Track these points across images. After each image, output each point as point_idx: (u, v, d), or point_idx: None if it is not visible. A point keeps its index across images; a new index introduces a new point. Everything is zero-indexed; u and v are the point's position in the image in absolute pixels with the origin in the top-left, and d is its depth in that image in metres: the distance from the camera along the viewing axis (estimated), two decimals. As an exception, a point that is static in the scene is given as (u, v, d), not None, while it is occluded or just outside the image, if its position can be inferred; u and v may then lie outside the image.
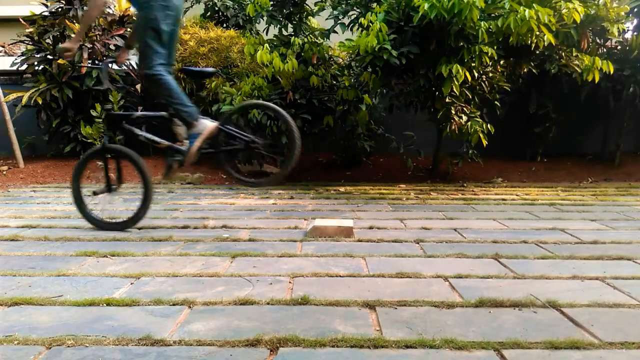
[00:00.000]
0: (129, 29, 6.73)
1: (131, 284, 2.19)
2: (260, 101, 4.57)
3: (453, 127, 5.36)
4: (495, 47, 4.92)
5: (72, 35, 6.24)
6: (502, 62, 5.76)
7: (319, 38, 6.04)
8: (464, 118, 5.40)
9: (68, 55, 3.03)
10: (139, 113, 3.58)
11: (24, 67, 6.59)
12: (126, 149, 3.32)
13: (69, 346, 1.58)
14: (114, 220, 3.39)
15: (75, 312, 1.86)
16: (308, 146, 7.19)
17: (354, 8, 5.40)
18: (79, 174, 3.38)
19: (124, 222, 3.32)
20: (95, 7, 3.03)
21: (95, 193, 3.40)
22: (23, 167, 6.59)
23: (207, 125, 2.97)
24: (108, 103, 6.17)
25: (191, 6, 7.76)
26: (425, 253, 2.74)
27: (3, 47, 8.68)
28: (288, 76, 5.54)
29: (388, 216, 3.87)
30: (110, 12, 6.85)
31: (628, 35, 6.59)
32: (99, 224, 3.36)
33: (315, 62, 5.53)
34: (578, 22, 4.76)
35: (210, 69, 3.77)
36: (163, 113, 3.14)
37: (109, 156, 3.37)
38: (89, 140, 5.77)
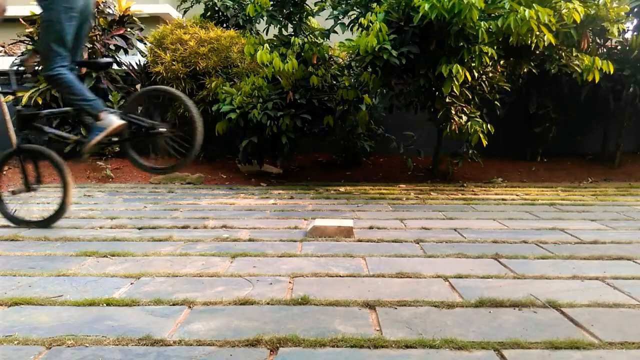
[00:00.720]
0: (129, 29, 6.73)
1: (131, 284, 2.19)
2: (159, 86, 4.55)
3: (453, 127, 5.37)
4: (495, 47, 4.92)
5: None
6: (502, 62, 5.76)
7: (319, 38, 6.04)
8: (464, 118, 5.40)
9: None
10: (46, 111, 3.65)
11: (24, 67, 6.57)
12: (43, 148, 3.33)
13: (69, 346, 1.58)
14: (33, 219, 3.42)
15: (75, 312, 1.86)
16: (308, 146, 7.21)
17: (354, 8, 5.40)
18: None
19: (42, 221, 3.34)
20: None
21: (14, 193, 3.44)
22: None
23: (113, 122, 2.97)
24: (107, 102, 6.17)
25: (191, 6, 7.76)
26: (425, 253, 2.74)
27: (3, 47, 8.68)
28: (288, 76, 5.54)
29: (388, 216, 3.87)
30: (110, 12, 6.84)
31: (628, 35, 6.59)
32: (17, 222, 3.39)
33: (315, 62, 5.53)
34: (578, 22, 4.76)
35: (105, 60, 3.79)
36: (68, 108, 3.16)
37: (25, 157, 3.38)
38: (88, 140, 5.76)
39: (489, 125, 5.37)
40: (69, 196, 3.25)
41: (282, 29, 6.07)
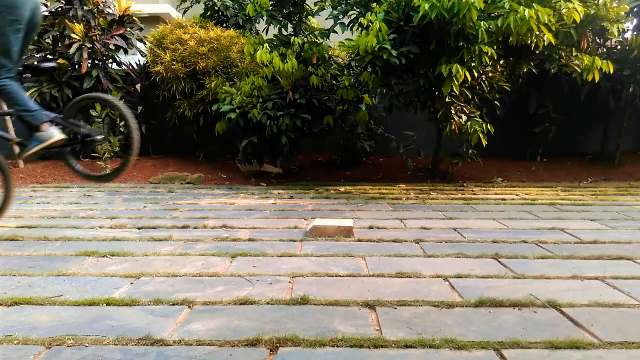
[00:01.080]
0: (129, 29, 6.73)
1: (131, 284, 2.19)
2: (94, 94, 4.54)
3: (453, 127, 5.36)
4: (495, 47, 4.92)
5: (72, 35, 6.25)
6: (502, 62, 5.76)
7: (319, 38, 6.04)
8: (464, 118, 5.40)
9: None
10: None
11: (24, 67, 6.56)
12: None
13: (69, 346, 1.58)
14: None
15: (75, 312, 1.86)
16: (308, 146, 7.21)
17: (354, 8, 5.40)
18: None
19: None
20: None
21: None
22: (23, 167, 6.59)
23: (53, 136, 2.93)
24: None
25: (191, 6, 7.76)
26: (425, 253, 2.74)
27: None
28: (288, 76, 5.54)
29: (388, 216, 3.87)
30: (111, 12, 6.84)
31: (628, 35, 6.59)
32: None
33: (315, 62, 5.53)
34: (578, 22, 4.76)
35: (48, 65, 3.76)
36: (11, 111, 3.18)
37: None
38: (88, 140, 5.75)
39: (489, 125, 5.37)
40: (9, 204, 3.22)
41: (282, 29, 6.07)
